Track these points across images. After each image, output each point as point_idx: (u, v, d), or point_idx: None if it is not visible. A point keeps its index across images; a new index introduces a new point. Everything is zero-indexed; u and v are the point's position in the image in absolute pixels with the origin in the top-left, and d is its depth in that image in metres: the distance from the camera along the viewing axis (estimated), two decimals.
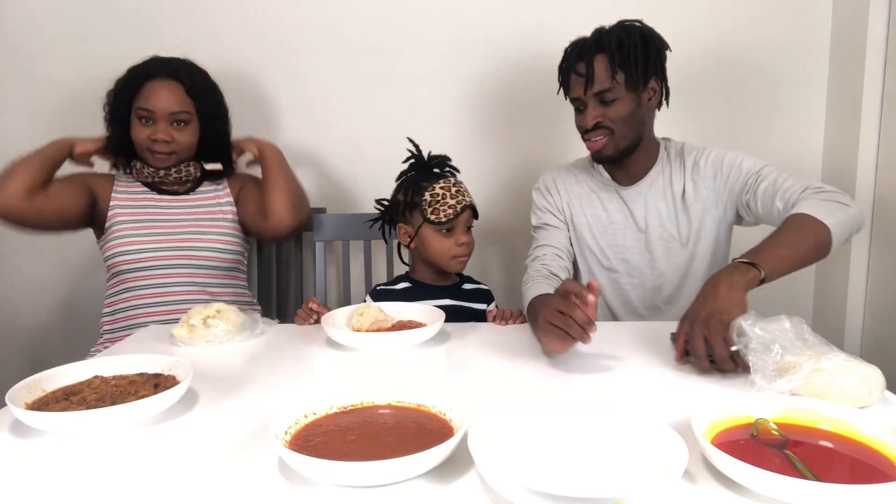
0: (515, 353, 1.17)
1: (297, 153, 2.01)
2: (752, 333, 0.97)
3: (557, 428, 0.78)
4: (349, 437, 0.76)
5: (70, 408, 0.86)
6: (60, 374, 0.97)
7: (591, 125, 1.36)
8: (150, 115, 1.57)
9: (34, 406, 0.88)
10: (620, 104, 1.34)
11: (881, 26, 1.76)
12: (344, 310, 1.34)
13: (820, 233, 1.15)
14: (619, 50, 1.32)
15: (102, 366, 1.00)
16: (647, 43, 1.34)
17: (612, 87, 1.33)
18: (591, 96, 1.35)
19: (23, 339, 2.08)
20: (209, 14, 1.93)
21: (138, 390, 0.92)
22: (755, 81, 1.95)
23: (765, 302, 2.03)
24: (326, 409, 0.83)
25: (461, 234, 1.41)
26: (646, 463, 0.70)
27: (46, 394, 0.93)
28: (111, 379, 0.98)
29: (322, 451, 0.72)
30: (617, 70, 1.32)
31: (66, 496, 0.70)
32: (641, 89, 1.36)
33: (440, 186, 1.40)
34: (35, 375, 0.94)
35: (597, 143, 1.38)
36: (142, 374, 1.00)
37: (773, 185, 1.32)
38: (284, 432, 0.75)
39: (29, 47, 1.94)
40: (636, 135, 1.39)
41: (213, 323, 1.25)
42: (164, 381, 0.96)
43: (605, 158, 1.41)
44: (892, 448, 0.72)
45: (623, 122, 1.36)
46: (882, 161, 1.80)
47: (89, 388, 0.94)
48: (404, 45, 1.95)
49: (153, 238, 1.58)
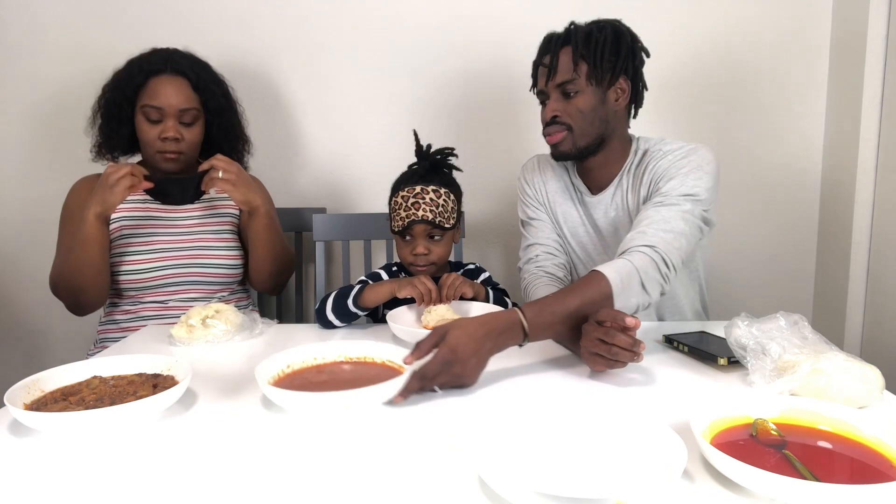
0: (514, 353, 1.17)
1: (297, 153, 2.01)
2: (749, 334, 0.97)
3: (556, 428, 0.78)
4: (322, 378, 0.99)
5: (69, 408, 0.87)
6: (59, 374, 0.97)
7: (549, 117, 1.33)
8: (158, 114, 1.51)
9: (33, 406, 0.88)
10: (581, 98, 1.29)
11: (881, 26, 1.76)
12: (409, 308, 1.37)
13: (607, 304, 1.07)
14: (586, 42, 1.28)
15: (101, 366, 1.00)
16: (619, 39, 1.30)
17: (574, 78, 1.29)
18: (553, 88, 1.31)
19: (23, 339, 2.08)
20: (209, 14, 1.93)
21: (137, 390, 0.92)
22: (755, 81, 1.95)
23: (765, 302, 2.05)
24: (303, 363, 1.04)
25: (419, 245, 1.39)
26: (645, 463, 0.70)
27: (45, 394, 0.93)
28: (110, 379, 0.98)
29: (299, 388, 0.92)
30: (580, 61, 1.28)
31: (64, 496, 0.70)
32: (607, 86, 1.30)
33: (402, 195, 1.39)
34: (33, 376, 0.94)
35: (554, 136, 1.33)
36: (140, 374, 1.00)
37: (642, 221, 1.21)
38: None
39: (28, 47, 1.94)
40: (597, 133, 1.33)
41: (212, 323, 1.25)
42: (163, 381, 0.96)
43: (563, 155, 1.35)
44: (891, 448, 0.72)
45: (583, 117, 1.30)
46: (882, 161, 1.80)
47: (88, 388, 0.94)
48: (405, 44, 1.95)
49: (158, 256, 1.53)
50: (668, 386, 1.00)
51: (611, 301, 1.07)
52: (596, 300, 1.07)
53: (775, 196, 2.01)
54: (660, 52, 1.93)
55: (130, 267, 1.52)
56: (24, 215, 2.00)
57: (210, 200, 1.64)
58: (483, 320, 1.02)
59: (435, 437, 0.82)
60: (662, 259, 1.13)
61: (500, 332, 1.01)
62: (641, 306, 1.12)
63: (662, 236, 1.16)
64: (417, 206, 1.38)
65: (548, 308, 1.06)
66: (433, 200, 1.38)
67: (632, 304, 1.10)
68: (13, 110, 1.97)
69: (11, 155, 2.00)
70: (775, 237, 2.03)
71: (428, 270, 1.41)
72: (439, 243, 1.42)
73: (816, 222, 2.02)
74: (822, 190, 2.00)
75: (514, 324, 1.03)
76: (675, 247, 1.16)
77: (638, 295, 1.10)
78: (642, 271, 1.10)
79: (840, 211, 1.91)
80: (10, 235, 2.03)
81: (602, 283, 1.08)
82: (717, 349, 1.08)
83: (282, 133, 2.00)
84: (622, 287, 1.08)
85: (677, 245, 1.17)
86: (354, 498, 0.68)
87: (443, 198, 1.40)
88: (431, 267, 1.42)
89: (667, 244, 1.15)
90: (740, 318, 1.01)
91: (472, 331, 0.99)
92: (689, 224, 1.21)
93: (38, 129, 1.98)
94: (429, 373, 0.96)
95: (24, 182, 2.00)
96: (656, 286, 1.13)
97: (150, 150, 1.54)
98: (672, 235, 1.17)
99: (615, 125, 1.35)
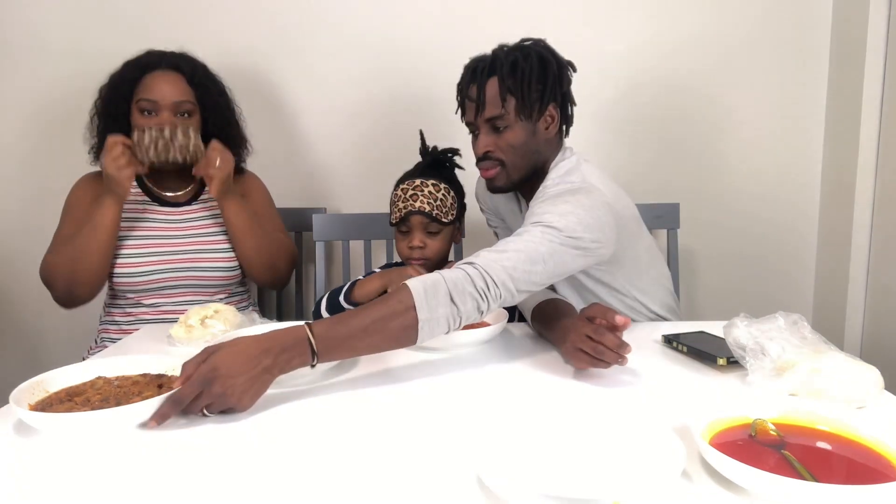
0: (513, 353, 1.17)
1: (297, 153, 2.01)
2: (748, 334, 0.97)
3: (555, 428, 0.78)
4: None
5: (74, 408, 0.87)
6: (63, 375, 0.97)
7: (482, 153, 1.29)
8: (153, 107, 1.50)
9: (38, 407, 0.88)
10: (511, 133, 1.26)
11: (881, 26, 1.76)
12: None
13: (407, 326, 0.99)
14: (512, 74, 1.23)
15: (105, 367, 1.00)
16: (545, 67, 1.25)
17: (502, 114, 1.25)
18: (483, 122, 1.28)
19: (23, 339, 2.08)
20: (208, 14, 1.93)
21: (142, 391, 0.92)
22: (755, 81, 1.95)
23: (765, 302, 2.05)
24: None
25: (415, 238, 1.40)
26: (644, 463, 0.70)
27: (49, 395, 0.93)
28: (114, 380, 0.98)
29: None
30: (507, 95, 1.24)
31: (68, 496, 0.70)
32: (536, 118, 1.26)
33: (402, 188, 1.41)
34: (38, 376, 0.94)
35: (489, 172, 1.30)
36: (145, 374, 1.00)
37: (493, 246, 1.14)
38: None
39: (27, 48, 1.94)
40: (530, 165, 1.30)
41: (211, 323, 1.25)
42: (168, 381, 0.96)
43: (499, 189, 1.33)
44: (890, 448, 0.72)
45: (514, 152, 1.27)
46: (882, 161, 1.80)
47: (93, 388, 0.94)
48: (405, 44, 1.95)
49: (157, 259, 1.53)
50: (667, 386, 1.00)
51: (413, 312, 0.98)
52: (397, 310, 0.98)
53: (775, 196, 2.01)
54: (659, 52, 1.94)
55: (127, 269, 1.52)
56: (23, 215, 2.00)
57: (208, 202, 1.64)
58: (264, 337, 0.93)
59: (434, 437, 0.82)
60: (481, 275, 1.04)
61: (282, 349, 0.92)
62: (453, 319, 1.02)
63: (487, 255, 1.08)
64: (415, 197, 1.38)
65: (341, 323, 0.97)
66: (431, 193, 1.39)
67: (439, 314, 1.00)
68: (12, 112, 1.97)
69: (11, 156, 2.00)
70: (775, 237, 2.03)
71: (423, 265, 1.42)
72: (436, 238, 1.42)
73: (816, 222, 2.02)
74: (822, 190, 2.00)
75: (300, 340, 0.93)
76: (501, 266, 1.06)
77: (445, 306, 1.00)
78: (451, 283, 1.02)
79: (840, 211, 1.91)
80: (9, 236, 2.03)
81: (403, 292, 1.00)
82: (716, 349, 1.08)
83: (282, 133, 2.00)
84: (425, 297, 0.99)
85: (506, 264, 1.06)
86: (354, 498, 0.68)
87: (442, 192, 1.40)
88: (427, 262, 1.42)
89: (489, 262, 1.06)
90: (739, 318, 1.01)
91: (244, 347, 0.91)
92: (533, 248, 1.10)
93: (38, 130, 1.98)
94: (185, 396, 0.86)
95: (23, 183, 2.00)
96: (468, 299, 1.02)
97: None
98: (500, 255, 1.08)
99: (547, 152, 1.32)
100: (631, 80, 1.84)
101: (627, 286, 1.36)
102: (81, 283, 1.47)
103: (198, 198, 1.64)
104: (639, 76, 1.95)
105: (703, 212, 2.00)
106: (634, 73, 1.95)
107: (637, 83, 1.96)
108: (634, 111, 1.97)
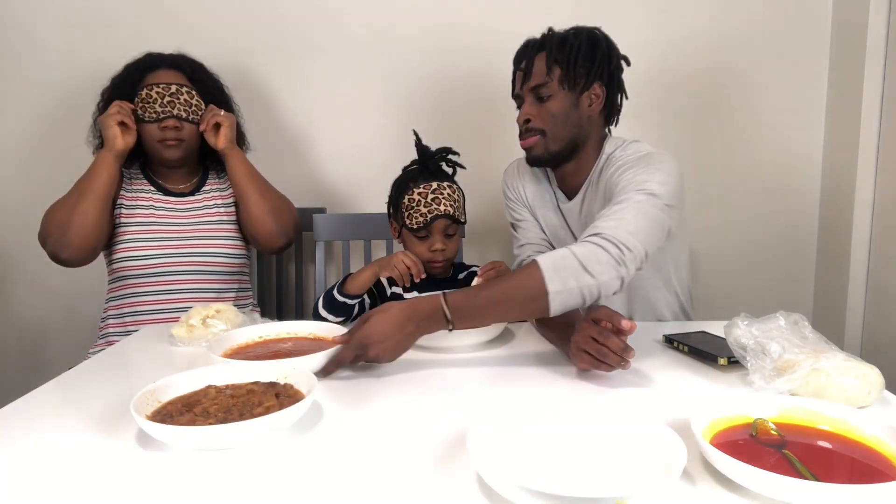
0: (513, 353, 1.17)
1: (297, 152, 2.01)
2: (749, 334, 0.97)
3: (556, 427, 0.78)
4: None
5: (196, 420, 0.82)
6: (174, 384, 0.92)
7: (523, 121, 1.33)
8: None
9: (157, 418, 0.84)
10: (554, 101, 1.29)
11: (881, 26, 1.76)
12: None
13: (536, 297, 1.03)
14: (560, 47, 1.29)
15: (213, 375, 0.96)
16: (594, 45, 1.30)
17: (547, 82, 1.29)
18: (528, 91, 1.32)
19: (23, 339, 2.08)
20: (207, 15, 1.93)
21: (262, 401, 0.87)
22: (755, 81, 1.95)
23: (765, 302, 2.05)
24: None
25: (437, 241, 1.41)
26: (645, 463, 0.70)
27: (163, 404, 0.88)
28: (226, 388, 0.93)
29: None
30: (553, 66, 1.29)
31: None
32: (580, 91, 1.30)
33: (418, 192, 1.39)
34: (149, 386, 0.89)
35: (528, 140, 1.33)
36: (256, 382, 0.95)
37: (599, 215, 1.16)
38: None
39: (26, 48, 1.94)
40: (570, 138, 1.32)
41: (213, 323, 1.25)
42: (283, 390, 0.92)
43: (537, 160, 1.35)
44: (890, 448, 0.72)
45: (555, 121, 1.30)
46: (882, 161, 1.80)
47: (206, 398, 0.90)
48: (405, 44, 1.95)
49: (160, 244, 1.56)
50: (668, 386, 1.00)
51: (542, 284, 1.02)
52: (524, 283, 1.03)
53: (775, 196, 2.01)
54: (659, 52, 1.94)
55: (131, 253, 1.55)
56: (23, 216, 2.00)
57: (210, 192, 1.67)
58: (406, 305, 1.06)
59: (434, 437, 0.82)
60: (611, 242, 1.05)
61: (423, 317, 1.05)
62: (588, 290, 1.03)
63: (606, 224, 1.09)
64: (438, 201, 1.39)
65: (473, 294, 1.07)
66: (450, 196, 1.42)
67: (571, 286, 1.02)
68: (12, 113, 1.97)
69: (11, 157, 2.00)
70: (775, 237, 2.03)
71: (444, 267, 1.43)
72: (453, 239, 1.44)
73: (816, 222, 2.02)
74: (822, 190, 2.00)
75: (436, 309, 1.04)
76: (627, 231, 1.07)
77: (578, 277, 1.02)
78: (582, 256, 1.03)
79: (840, 211, 1.91)
80: (9, 236, 2.03)
81: (531, 266, 1.04)
82: (717, 349, 1.08)
83: (282, 134, 2.00)
84: (554, 269, 1.02)
85: (630, 229, 1.07)
86: (354, 497, 0.68)
87: (457, 193, 1.44)
88: (447, 263, 1.43)
89: (614, 229, 1.07)
90: (740, 318, 1.01)
91: (392, 316, 1.04)
92: (645, 212, 1.12)
93: (38, 131, 1.98)
94: (345, 358, 1.04)
95: (23, 183, 2.00)
96: (607, 268, 1.03)
97: (151, 141, 1.58)
98: (620, 222, 1.09)
99: (588, 130, 1.34)
100: (630, 81, 1.82)
101: (668, 258, 1.39)
102: (73, 228, 1.47)
103: (201, 189, 1.68)
104: (638, 76, 1.95)
105: (704, 212, 2.00)
106: (634, 74, 1.94)
107: (636, 83, 1.95)
108: (634, 111, 1.96)
